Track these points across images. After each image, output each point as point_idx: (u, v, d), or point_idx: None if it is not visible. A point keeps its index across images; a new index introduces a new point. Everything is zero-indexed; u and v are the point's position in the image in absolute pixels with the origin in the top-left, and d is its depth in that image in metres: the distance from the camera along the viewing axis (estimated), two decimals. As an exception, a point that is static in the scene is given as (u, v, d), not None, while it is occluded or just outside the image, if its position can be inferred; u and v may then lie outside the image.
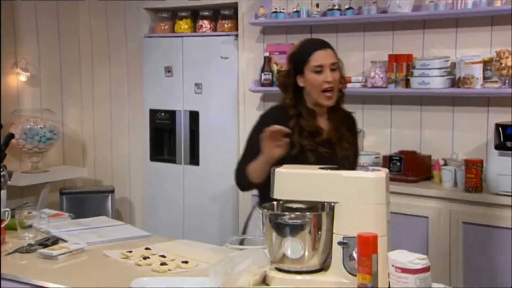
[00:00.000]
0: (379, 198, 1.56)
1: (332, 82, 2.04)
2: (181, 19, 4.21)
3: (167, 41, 4.25)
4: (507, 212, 2.80)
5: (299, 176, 1.64)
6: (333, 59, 2.07)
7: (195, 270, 1.79)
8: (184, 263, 1.82)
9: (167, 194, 4.32)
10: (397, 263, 1.39)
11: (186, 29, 4.20)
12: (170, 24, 4.27)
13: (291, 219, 1.61)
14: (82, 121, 4.74)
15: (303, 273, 1.63)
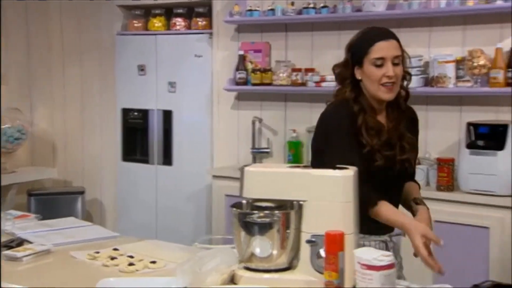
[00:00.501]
0: (346, 196, 1.61)
1: (393, 78, 1.83)
2: (155, 16, 4.22)
3: (140, 39, 4.26)
4: (479, 211, 2.89)
5: (268, 175, 1.68)
6: (396, 52, 1.85)
7: (163, 270, 1.82)
8: (152, 263, 1.85)
9: (139, 195, 4.33)
10: (362, 260, 1.44)
11: (159, 26, 4.22)
12: (143, 21, 4.28)
13: (260, 218, 1.65)
14: (53, 121, 4.72)
15: (271, 271, 1.67)
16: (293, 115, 3.82)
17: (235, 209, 1.69)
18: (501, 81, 2.98)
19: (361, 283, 1.45)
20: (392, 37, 1.90)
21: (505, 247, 2.83)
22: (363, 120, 1.85)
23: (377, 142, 1.85)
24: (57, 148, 4.76)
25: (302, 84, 3.62)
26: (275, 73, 3.73)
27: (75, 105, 4.69)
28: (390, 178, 1.90)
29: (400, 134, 1.91)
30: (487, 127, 2.91)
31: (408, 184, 2.01)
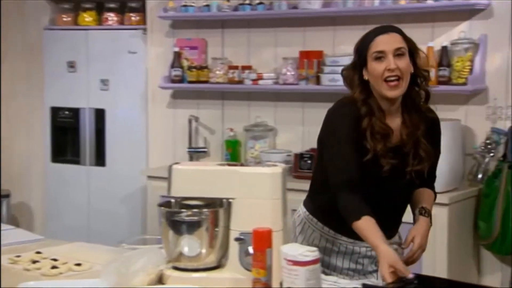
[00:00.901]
0: (275, 194, 1.64)
1: (395, 70, 1.74)
2: (85, 11, 4.15)
3: (69, 34, 4.18)
4: (413, 208, 2.99)
5: (196, 173, 1.69)
6: (398, 44, 1.77)
7: (88, 273, 1.79)
8: (77, 266, 1.82)
9: (70, 197, 4.24)
10: (288, 256, 1.47)
11: (90, 21, 4.14)
12: (73, 16, 4.20)
13: (188, 216, 1.66)
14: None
15: (200, 270, 1.68)
16: (231, 113, 3.84)
17: (162, 208, 1.69)
18: (432, 79, 3.09)
19: (287, 278, 1.47)
20: (393, 30, 1.83)
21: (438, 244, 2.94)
22: (368, 123, 1.77)
23: (382, 147, 1.75)
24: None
25: (239, 82, 3.64)
26: (212, 70, 3.74)
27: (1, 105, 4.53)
28: (398, 187, 1.81)
29: (416, 141, 1.80)
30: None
31: (423, 191, 1.90)
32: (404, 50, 1.78)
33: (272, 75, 3.57)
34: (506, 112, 3.09)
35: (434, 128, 1.90)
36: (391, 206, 1.82)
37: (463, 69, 3.07)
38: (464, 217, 3.12)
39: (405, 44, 1.80)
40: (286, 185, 1.71)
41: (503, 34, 3.07)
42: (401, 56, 1.77)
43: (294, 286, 1.47)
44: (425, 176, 1.85)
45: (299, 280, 1.46)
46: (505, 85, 3.11)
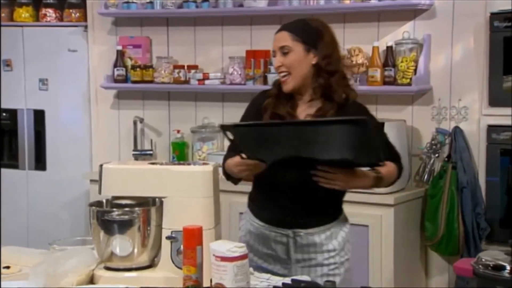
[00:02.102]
0: (206, 192, 1.79)
1: (281, 67, 2.03)
2: (21, 6, 4.20)
3: (4, 31, 4.21)
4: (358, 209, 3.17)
5: (127, 172, 1.82)
6: (282, 43, 2.04)
7: (18, 275, 1.89)
8: (6, 269, 1.92)
9: (8, 203, 4.27)
10: (217, 252, 1.62)
11: (27, 17, 4.20)
12: (8, 11, 4.24)
13: (119, 216, 1.78)
14: None
15: (133, 270, 1.81)
16: (177, 114, 3.96)
17: (93, 208, 1.81)
18: (378, 79, 3.30)
19: (216, 275, 1.62)
20: (285, 29, 2.08)
21: (384, 245, 3.13)
22: (269, 103, 2.07)
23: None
24: None
25: (185, 82, 3.77)
26: (157, 70, 3.85)
27: None
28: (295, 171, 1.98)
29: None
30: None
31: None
32: (289, 48, 2.04)
33: (218, 74, 3.71)
34: (450, 113, 3.32)
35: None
36: (292, 190, 2.04)
37: (408, 69, 3.28)
38: (411, 218, 3.32)
39: (294, 42, 2.03)
40: (218, 183, 1.85)
41: (446, 34, 3.30)
42: (286, 54, 2.04)
43: (222, 282, 1.62)
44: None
45: (228, 275, 1.61)
46: (449, 85, 3.33)
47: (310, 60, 2.04)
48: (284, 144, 1.86)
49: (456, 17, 3.27)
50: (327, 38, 2.07)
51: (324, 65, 2.04)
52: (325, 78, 2.05)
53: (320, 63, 2.04)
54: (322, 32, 2.08)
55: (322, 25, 2.12)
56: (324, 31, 2.09)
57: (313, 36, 2.05)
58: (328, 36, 2.08)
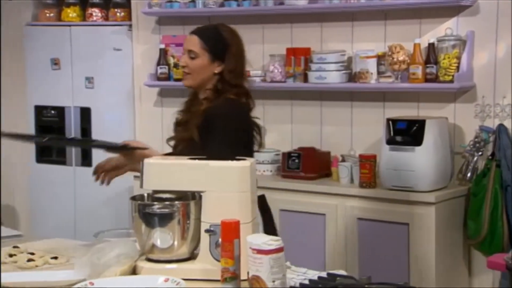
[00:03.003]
0: (243, 186, 1.85)
1: (185, 67, 2.33)
2: (69, 6, 4.35)
3: (53, 31, 4.38)
4: (399, 207, 3.20)
5: (167, 167, 1.90)
6: (190, 47, 2.32)
7: (65, 265, 2.01)
8: (54, 259, 2.03)
9: (56, 199, 4.43)
10: (253, 245, 1.68)
11: (74, 17, 4.35)
12: (56, 11, 4.40)
13: (160, 209, 1.87)
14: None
15: (173, 262, 1.89)
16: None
17: (135, 201, 1.90)
18: (419, 76, 3.31)
19: (252, 267, 1.69)
20: (197, 34, 2.34)
21: (425, 244, 3.15)
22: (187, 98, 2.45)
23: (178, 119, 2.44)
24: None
25: (226, 80, 3.84)
26: (198, 68, 3.94)
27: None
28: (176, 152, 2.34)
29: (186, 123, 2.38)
30: (405, 122, 3.22)
31: None
32: (196, 54, 2.30)
33: (259, 72, 3.78)
34: (494, 110, 3.29)
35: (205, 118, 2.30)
36: None
37: (450, 66, 3.28)
38: (453, 217, 3.31)
39: (202, 50, 2.29)
40: (256, 178, 1.92)
41: (490, 31, 3.28)
42: (193, 58, 2.31)
43: (258, 274, 1.68)
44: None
45: (264, 267, 1.67)
46: (492, 82, 3.31)
47: (214, 69, 2.31)
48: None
49: (501, 14, 3.24)
50: (234, 50, 2.33)
51: (228, 78, 2.30)
52: (225, 87, 2.30)
53: (225, 74, 2.30)
54: (230, 44, 2.32)
55: (232, 36, 2.36)
56: (232, 43, 2.33)
57: (221, 48, 2.30)
58: (235, 49, 2.33)
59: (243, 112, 2.35)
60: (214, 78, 2.33)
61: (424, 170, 3.17)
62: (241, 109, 2.34)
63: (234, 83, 2.32)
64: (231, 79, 2.31)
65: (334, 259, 3.31)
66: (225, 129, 2.26)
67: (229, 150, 2.16)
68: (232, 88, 2.31)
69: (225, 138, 2.24)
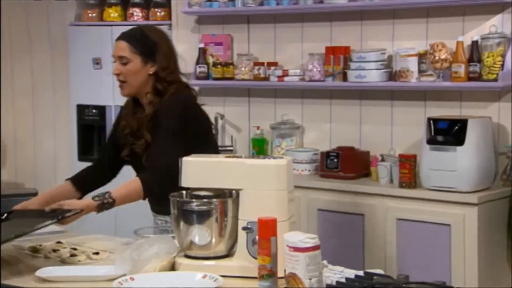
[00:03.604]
0: (280, 185, 1.88)
1: (119, 76, 2.38)
2: (110, 6, 4.45)
3: (95, 30, 4.47)
4: (440, 208, 3.18)
5: (205, 164, 1.95)
6: (121, 53, 2.36)
7: (106, 261, 2.07)
8: (95, 254, 2.10)
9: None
10: (289, 242, 1.70)
11: (116, 17, 4.45)
12: (98, 11, 4.51)
13: (198, 206, 1.91)
14: (1, 118, 4.91)
15: (211, 258, 1.93)
16: (257, 111, 4.09)
17: (173, 198, 1.95)
18: (462, 75, 3.27)
19: (289, 264, 1.71)
20: (124, 39, 2.37)
21: (468, 245, 3.12)
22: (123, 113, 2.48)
23: (123, 134, 2.44)
24: (6, 147, 4.96)
25: (265, 79, 3.88)
26: (237, 67, 3.99)
27: (25, 101, 4.89)
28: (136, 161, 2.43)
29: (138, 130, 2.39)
30: (446, 122, 3.20)
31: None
32: (128, 59, 2.34)
33: (298, 71, 3.80)
34: (540, 109, 3.24)
35: (153, 122, 2.36)
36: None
37: (494, 64, 3.23)
38: (497, 218, 3.27)
39: (132, 54, 2.33)
40: (292, 177, 1.94)
41: (536, 28, 3.22)
42: (125, 64, 2.35)
43: (295, 271, 1.71)
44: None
45: (300, 265, 1.70)
46: (538, 81, 3.25)
47: (148, 70, 2.35)
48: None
49: (547, 10, 3.19)
50: (164, 49, 2.37)
51: (163, 76, 2.35)
52: (164, 86, 2.35)
53: (160, 73, 2.35)
54: (159, 43, 2.36)
55: (159, 36, 2.40)
56: (161, 43, 2.37)
57: (151, 48, 2.35)
58: (165, 47, 2.38)
59: (188, 102, 2.41)
60: (150, 80, 2.37)
61: (466, 171, 3.14)
62: (186, 99, 2.41)
63: (172, 80, 2.37)
64: (167, 76, 2.36)
65: (373, 260, 3.30)
66: (170, 122, 2.32)
67: (176, 141, 2.27)
68: (171, 85, 2.36)
69: (169, 131, 2.31)
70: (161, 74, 2.35)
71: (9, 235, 1.94)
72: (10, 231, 2.01)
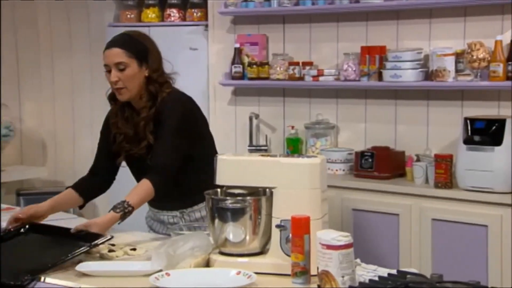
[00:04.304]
0: (313, 183, 1.91)
1: (118, 82, 2.40)
2: (148, 7, 4.53)
3: (133, 31, 4.57)
4: (476, 208, 3.15)
5: (240, 163, 1.98)
6: (118, 59, 2.39)
7: (143, 256, 2.13)
8: (133, 250, 2.16)
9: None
10: (322, 240, 1.73)
11: (153, 18, 4.53)
12: (136, 12, 4.59)
13: (232, 204, 1.95)
14: (42, 117, 5.05)
15: (244, 255, 1.97)
16: (292, 110, 4.11)
17: (208, 196, 1.99)
18: (501, 74, 3.24)
19: (322, 262, 1.73)
20: (117, 46, 2.42)
21: (504, 245, 3.08)
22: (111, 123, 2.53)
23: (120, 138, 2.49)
24: (46, 145, 5.09)
25: (300, 79, 3.90)
26: (272, 66, 4.02)
27: (66, 100, 5.02)
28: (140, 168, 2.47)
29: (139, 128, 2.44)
30: (484, 122, 3.17)
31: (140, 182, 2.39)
32: (126, 64, 2.39)
33: (332, 71, 3.81)
34: None
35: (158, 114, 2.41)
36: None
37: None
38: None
39: (129, 59, 2.39)
40: (326, 176, 1.97)
41: None
42: (123, 70, 2.39)
43: (328, 269, 1.73)
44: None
45: (333, 263, 1.72)
46: None
47: (143, 73, 2.42)
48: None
49: None
50: (154, 52, 2.47)
51: (156, 77, 2.43)
52: (156, 87, 2.43)
53: (152, 75, 2.43)
54: (149, 47, 2.46)
55: (148, 40, 2.49)
56: (150, 46, 2.47)
57: (143, 52, 2.43)
58: (154, 50, 2.47)
59: (189, 102, 2.53)
60: (144, 82, 2.43)
61: (503, 171, 3.11)
62: (187, 99, 2.53)
63: (163, 81, 2.47)
64: (159, 78, 2.45)
65: (408, 260, 3.29)
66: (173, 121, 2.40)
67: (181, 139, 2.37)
68: (162, 86, 2.45)
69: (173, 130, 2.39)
70: (153, 76, 2.43)
71: (45, 265, 1.99)
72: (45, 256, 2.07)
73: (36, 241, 2.22)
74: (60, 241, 2.17)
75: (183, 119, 2.42)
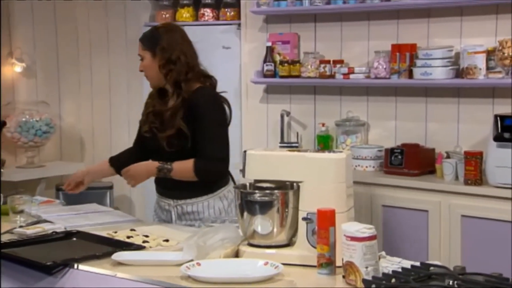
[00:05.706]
0: (339, 178, 1.96)
1: (143, 72, 2.71)
2: (183, 7, 4.63)
3: (168, 31, 4.66)
4: (506, 205, 3.15)
5: (268, 157, 2.05)
6: (138, 52, 2.72)
7: (175, 247, 2.21)
8: (165, 242, 2.25)
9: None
10: (347, 232, 1.78)
11: (187, 17, 4.62)
12: (171, 12, 4.69)
13: (260, 197, 2.02)
14: (80, 114, 5.20)
15: (272, 247, 2.03)
16: (322, 108, 4.15)
17: (237, 190, 2.06)
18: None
19: (346, 253, 1.79)
20: (140, 39, 2.74)
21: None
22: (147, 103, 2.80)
23: (143, 118, 2.79)
24: (84, 142, 5.23)
25: (331, 76, 3.94)
26: (303, 65, 4.07)
27: (103, 97, 5.15)
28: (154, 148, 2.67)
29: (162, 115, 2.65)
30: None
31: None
32: (142, 56, 2.70)
33: (363, 69, 3.83)
34: None
35: (188, 107, 2.59)
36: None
37: None
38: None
39: (144, 51, 2.68)
40: (352, 170, 2.01)
41: None
42: (142, 61, 2.70)
43: (352, 260, 1.78)
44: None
45: (357, 254, 1.77)
46: None
47: (157, 63, 2.64)
48: None
49: None
50: (163, 43, 2.64)
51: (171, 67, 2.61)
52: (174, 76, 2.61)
53: (165, 64, 2.62)
54: (160, 38, 2.65)
55: (165, 31, 2.70)
56: (162, 37, 2.65)
57: (153, 43, 2.65)
58: (164, 42, 2.64)
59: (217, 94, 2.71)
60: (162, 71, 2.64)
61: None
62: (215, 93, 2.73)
63: (186, 70, 2.63)
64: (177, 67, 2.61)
65: (437, 256, 3.30)
66: (212, 113, 2.61)
67: (223, 131, 2.62)
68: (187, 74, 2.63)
69: (215, 122, 2.60)
70: (166, 65, 2.62)
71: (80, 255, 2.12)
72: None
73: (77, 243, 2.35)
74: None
75: (220, 111, 2.64)
